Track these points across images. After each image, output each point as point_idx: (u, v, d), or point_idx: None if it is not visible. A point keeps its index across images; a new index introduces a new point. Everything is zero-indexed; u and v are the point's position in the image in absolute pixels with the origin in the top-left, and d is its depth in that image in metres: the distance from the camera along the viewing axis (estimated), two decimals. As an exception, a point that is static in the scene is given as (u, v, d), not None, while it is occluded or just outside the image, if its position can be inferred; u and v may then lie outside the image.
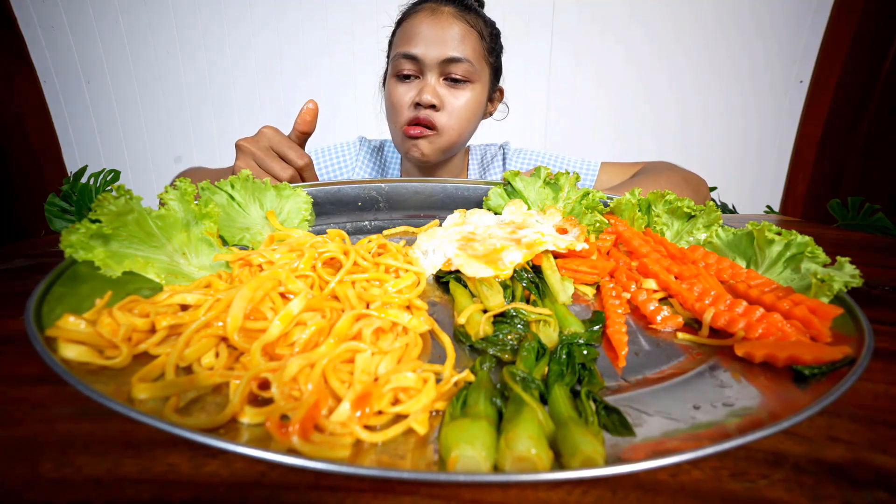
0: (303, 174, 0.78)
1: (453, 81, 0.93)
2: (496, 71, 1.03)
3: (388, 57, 1.02)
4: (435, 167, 1.06)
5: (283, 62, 2.10)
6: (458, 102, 0.94)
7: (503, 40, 1.03)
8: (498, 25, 1.02)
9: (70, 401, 0.33)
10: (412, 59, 0.91)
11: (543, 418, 0.30)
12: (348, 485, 0.27)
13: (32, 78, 2.02)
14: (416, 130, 0.94)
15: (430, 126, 0.93)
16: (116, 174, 1.41)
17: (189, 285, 0.45)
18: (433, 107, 0.92)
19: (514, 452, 0.27)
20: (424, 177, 1.01)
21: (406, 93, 0.94)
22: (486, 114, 1.07)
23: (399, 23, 0.98)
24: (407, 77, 0.94)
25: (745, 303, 0.45)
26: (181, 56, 2.11)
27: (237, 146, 0.76)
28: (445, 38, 0.90)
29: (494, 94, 1.07)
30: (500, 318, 0.45)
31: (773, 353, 0.38)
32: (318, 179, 0.79)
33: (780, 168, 2.19)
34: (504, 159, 1.19)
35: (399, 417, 0.32)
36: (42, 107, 2.07)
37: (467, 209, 0.72)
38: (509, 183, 0.76)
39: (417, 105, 0.92)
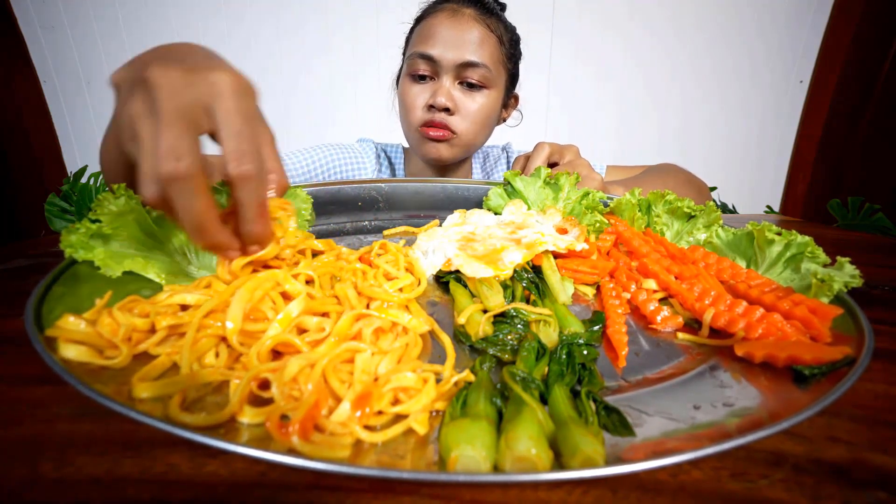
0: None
1: (468, 86, 0.91)
2: (513, 77, 1.02)
3: (403, 54, 1.00)
4: (445, 170, 1.05)
5: (283, 62, 2.10)
6: (472, 106, 0.92)
7: None
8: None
9: (70, 401, 0.33)
10: (428, 59, 0.89)
11: (543, 418, 0.30)
12: (348, 485, 0.27)
13: (32, 78, 2.02)
14: (437, 133, 0.92)
15: (447, 128, 0.92)
16: (116, 174, 1.40)
17: (189, 285, 0.45)
18: (447, 110, 0.90)
19: (514, 452, 0.27)
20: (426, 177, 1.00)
21: (420, 94, 0.92)
22: (500, 120, 1.06)
23: (418, 20, 0.96)
24: (422, 78, 0.92)
25: (745, 303, 0.45)
26: (181, 56, 2.10)
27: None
28: (464, 40, 0.88)
29: (509, 100, 1.05)
30: (500, 318, 0.45)
31: (773, 354, 0.38)
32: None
33: (780, 168, 2.19)
34: (508, 161, 1.18)
35: (399, 417, 0.32)
36: (42, 107, 2.07)
37: (467, 209, 0.72)
38: (509, 183, 0.76)
39: (431, 107, 0.91)
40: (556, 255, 0.56)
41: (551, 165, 0.84)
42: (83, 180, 1.66)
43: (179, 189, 0.35)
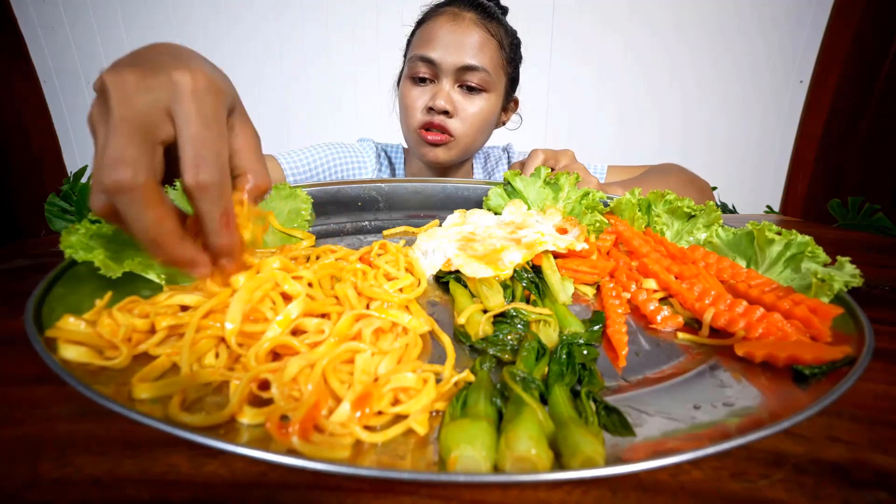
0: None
1: (468, 89, 0.92)
2: (513, 81, 1.02)
3: (404, 56, 1.01)
4: (445, 171, 1.06)
5: (282, 62, 2.10)
6: (471, 109, 0.93)
7: None
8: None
9: (70, 401, 0.33)
10: (429, 62, 0.90)
11: (543, 418, 0.30)
12: (348, 485, 0.27)
13: (32, 78, 2.02)
14: (436, 137, 0.93)
15: (445, 131, 0.93)
16: (116, 174, 1.40)
17: (189, 286, 0.45)
18: (446, 112, 0.91)
19: (514, 452, 0.27)
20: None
21: (419, 96, 0.93)
22: (499, 123, 1.07)
23: (419, 23, 0.97)
24: (422, 80, 0.93)
25: (745, 303, 0.45)
26: (181, 56, 2.10)
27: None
28: (464, 44, 0.89)
29: (509, 104, 1.06)
30: (500, 318, 0.45)
31: (773, 353, 0.38)
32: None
33: (780, 168, 2.19)
34: (509, 161, 1.19)
35: (399, 418, 0.32)
36: (42, 107, 2.07)
37: (467, 209, 0.72)
38: (509, 183, 0.76)
39: (430, 110, 0.91)
40: (556, 255, 0.56)
41: None
42: (83, 180, 1.66)
43: (125, 201, 0.32)
